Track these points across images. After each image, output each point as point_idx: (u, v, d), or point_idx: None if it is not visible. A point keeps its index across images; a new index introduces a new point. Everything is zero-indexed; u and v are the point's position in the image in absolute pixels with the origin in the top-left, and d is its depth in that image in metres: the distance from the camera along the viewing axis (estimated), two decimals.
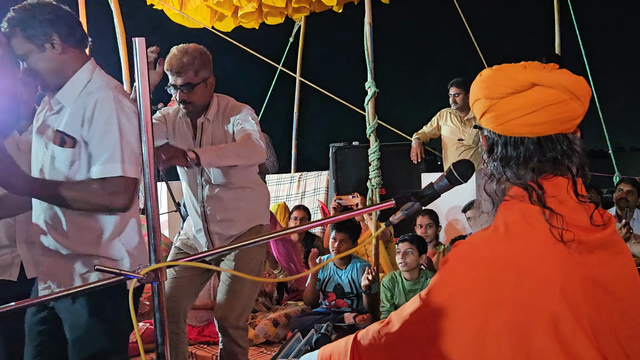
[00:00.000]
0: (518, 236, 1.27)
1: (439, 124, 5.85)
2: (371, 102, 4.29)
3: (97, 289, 1.32)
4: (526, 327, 1.23)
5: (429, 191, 1.42)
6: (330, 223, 4.60)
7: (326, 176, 6.92)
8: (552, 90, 1.32)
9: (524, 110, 1.33)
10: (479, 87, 1.42)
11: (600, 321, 1.27)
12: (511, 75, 1.35)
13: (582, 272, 1.26)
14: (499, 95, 1.36)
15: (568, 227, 1.26)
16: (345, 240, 4.24)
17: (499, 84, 1.36)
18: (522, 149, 1.36)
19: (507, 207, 1.33)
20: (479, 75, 1.44)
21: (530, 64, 1.38)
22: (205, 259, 1.38)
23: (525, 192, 1.32)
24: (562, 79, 1.33)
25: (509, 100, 1.34)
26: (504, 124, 1.36)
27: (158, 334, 1.35)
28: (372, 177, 4.29)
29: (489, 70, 1.43)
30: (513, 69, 1.38)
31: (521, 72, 1.35)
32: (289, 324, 4.33)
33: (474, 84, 1.44)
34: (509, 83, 1.35)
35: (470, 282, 1.27)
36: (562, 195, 1.31)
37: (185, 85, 2.87)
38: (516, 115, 1.34)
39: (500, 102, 1.35)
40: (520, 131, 1.35)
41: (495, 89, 1.36)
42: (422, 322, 1.31)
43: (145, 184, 1.29)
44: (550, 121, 1.33)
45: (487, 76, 1.41)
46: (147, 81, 1.29)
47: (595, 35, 8.64)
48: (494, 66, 1.44)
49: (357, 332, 1.44)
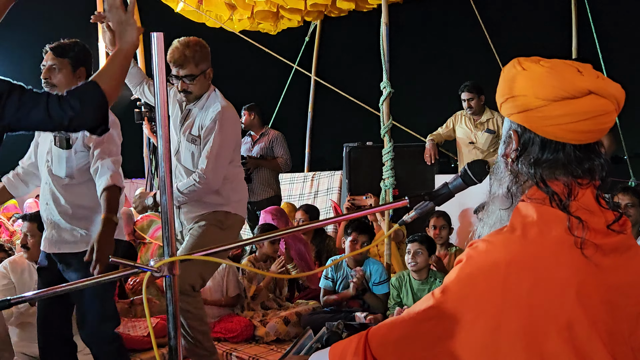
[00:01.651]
0: (534, 238, 1.26)
1: (454, 126, 5.83)
2: (386, 102, 4.30)
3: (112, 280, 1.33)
4: (541, 329, 1.22)
5: (443, 191, 1.41)
6: (342, 222, 4.60)
7: (339, 176, 6.92)
8: (604, 101, 1.29)
9: (575, 117, 1.29)
10: (525, 83, 1.34)
11: (615, 326, 1.26)
12: (569, 79, 1.30)
13: (597, 275, 1.25)
14: (552, 98, 1.30)
15: (587, 232, 1.25)
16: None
17: (555, 85, 1.30)
18: (562, 155, 1.32)
19: (525, 208, 1.32)
20: (521, 67, 1.36)
21: (584, 68, 1.33)
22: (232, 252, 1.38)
23: (546, 195, 1.31)
24: (614, 89, 1.30)
25: (562, 105, 1.29)
26: (549, 127, 1.31)
27: (171, 328, 1.35)
28: (385, 178, 4.30)
29: (535, 64, 1.35)
30: (570, 71, 1.31)
31: (579, 77, 1.30)
32: (300, 322, 4.33)
33: (514, 76, 1.36)
34: (566, 87, 1.29)
35: (485, 283, 1.26)
36: (587, 201, 1.30)
37: (187, 77, 3.16)
38: (565, 120, 1.29)
39: (552, 104, 1.30)
40: (565, 136, 1.31)
41: (550, 90, 1.30)
42: (434, 321, 1.30)
43: (161, 178, 1.30)
44: (596, 130, 1.31)
45: (538, 72, 1.33)
46: (165, 76, 1.30)
47: (613, 39, 8.53)
48: (538, 60, 1.36)
49: (369, 328, 1.43)
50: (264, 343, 4.15)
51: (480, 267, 1.28)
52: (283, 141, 6.14)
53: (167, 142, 1.29)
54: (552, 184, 1.32)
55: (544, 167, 1.33)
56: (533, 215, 1.29)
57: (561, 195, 1.30)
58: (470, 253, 1.31)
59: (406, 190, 5.28)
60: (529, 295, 1.23)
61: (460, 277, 1.30)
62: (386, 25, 4.28)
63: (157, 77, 1.31)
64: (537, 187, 1.32)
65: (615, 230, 1.30)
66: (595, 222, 1.28)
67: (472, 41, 7.66)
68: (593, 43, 6.40)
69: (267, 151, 6.09)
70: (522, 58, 1.38)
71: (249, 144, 6.24)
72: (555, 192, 1.30)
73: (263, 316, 4.40)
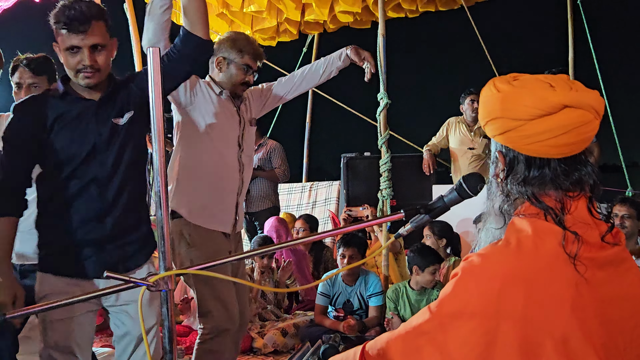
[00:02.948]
0: (529, 252, 1.27)
1: (447, 133, 5.83)
2: (383, 113, 4.31)
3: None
4: (536, 343, 1.22)
5: (438, 204, 1.41)
6: (339, 234, 4.59)
7: (337, 186, 6.92)
8: (581, 111, 1.29)
9: (553, 133, 1.29)
10: (500, 106, 1.34)
11: (609, 339, 1.26)
12: (541, 96, 1.29)
13: (592, 289, 1.25)
14: (527, 117, 1.30)
15: (582, 245, 1.25)
16: (355, 255, 4.21)
17: (528, 104, 1.29)
18: (549, 170, 1.33)
19: (519, 223, 1.32)
20: (495, 89, 1.36)
21: (556, 82, 1.32)
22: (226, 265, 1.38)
23: (540, 210, 1.31)
24: (590, 98, 1.30)
25: (539, 122, 1.29)
26: (530, 145, 1.31)
27: (166, 342, 1.35)
28: (383, 188, 4.29)
29: (508, 85, 1.35)
30: (541, 88, 1.31)
31: (551, 92, 1.29)
32: (297, 334, 4.32)
33: (490, 99, 1.37)
34: (539, 105, 1.29)
35: (480, 296, 1.26)
36: (581, 214, 1.31)
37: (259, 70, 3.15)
38: (545, 137, 1.29)
39: (529, 124, 1.30)
40: (548, 152, 1.32)
41: (524, 110, 1.30)
42: (431, 334, 1.30)
43: (157, 191, 1.30)
44: (577, 141, 1.31)
45: (510, 93, 1.33)
46: (160, 89, 1.30)
47: (610, 49, 8.57)
48: (512, 79, 1.36)
49: (366, 342, 1.43)
50: (262, 355, 4.13)
51: (475, 281, 1.28)
52: (281, 151, 6.13)
53: (163, 157, 1.29)
54: (544, 200, 1.32)
55: (533, 184, 1.34)
56: (527, 230, 1.29)
57: (555, 210, 1.30)
58: (466, 267, 1.31)
59: (404, 200, 5.30)
60: (524, 309, 1.23)
61: (456, 290, 1.30)
62: (383, 37, 4.30)
63: (153, 90, 1.31)
64: (530, 203, 1.33)
65: (610, 242, 1.30)
66: (590, 234, 1.28)
67: (469, 52, 7.70)
68: (589, 53, 6.42)
69: (265, 162, 6.08)
70: (497, 79, 1.39)
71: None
72: (549, 207, 1.30)
73: (261, 328, 4.38)
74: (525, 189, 1.34)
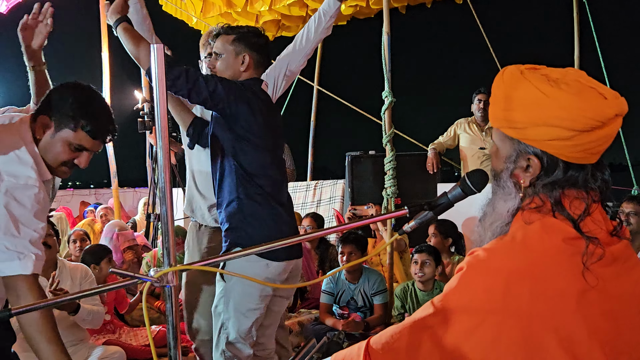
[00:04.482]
0: (535, 247, 1.26)
1: (456, 133, 5.82)
2: (388, 111, 4.30)
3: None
4: (541, 339, 1.22)
5: (442, 200, 1.41)
6: (343, 231, 4.59)
7: (342, 185, 6.92)
8: (621, 118, 1.30)
9: (600, 142, 1.28)
10: (555, 113, 1.27)
11: (616, 336, 1.25)
12: (599, 107, 1.26)
13: (598, 284, 1.25)
14: (584, 128, 1.27)
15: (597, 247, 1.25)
16: (353, 252, 4.22)
17: (589, 116, 1.26)
18: (582, 175, 1.31)
19: (526, 217, 1.32)
20: (539, 91, 1.28)
21: (603, 89, 1.30)
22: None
23: (547, 205, 1.30)
24: (624, 104, 1.30)
25: (593, 133, 1.27)
26: (576, 153, 1.30)
27: (171, 338, 1.35)
28: (387, 187, 4.29)
29: (553, 87, 1.28)
30: (595, 97, 1.28)
31: (605, 103, 1.27)
32: (302, 332, 4.32)
33: (535, 102, 1.29)
34: (599, 117, 1.26)
35: (485, 292, 1.26)
36: (596, 215, 1.31)
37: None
38: (592, 146, 1.28)
39: (583, 134, 1.27)
40: (588, 159, 1.31)
41: (584, 122, 1.26)
42: (434, 329, 1.30)
43: (160, 188, 1.30)
44: (607, 147, 1.32)
45: (565, 100, 1.27)
46: (165, 87, 1.31)
47: (615, 45, 8.56)
48: (562, 84, 1.29)
49: (370, 337, 1.43)
50: None
51: (480, 276, 1.28)
52: (288, 151, 6.12)
53: (167, 152, 1.30)
54: (567, 202, 1.31)
55: (563, 187, 1.32)
56: (535, 225, 1.29)
57: (577, 211, 1.29)
58: (471, 261, 1.31)
59: (408, 199, 5.30)
60: (530, 305, 1.23)
61: (461, 285, 1.30)
62: (387, 35, 4.29)
63: (157, 87, 1.31)
64: (557, 210, 1.30)
65: (619, 236, 1.31)
66: (599, 232, 1.29)
67: (474, 50, 7.70)
68: (595, 50, 6.41)
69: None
70: (530, 76, 1.33)
71: None
72: (571, 216, 1.29)
73: None
74: (553, 192, 1.32)
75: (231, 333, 2.67)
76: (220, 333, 2.70)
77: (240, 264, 2.55)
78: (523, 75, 1.33)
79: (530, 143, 1.33)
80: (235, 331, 2.66)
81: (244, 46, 2.78)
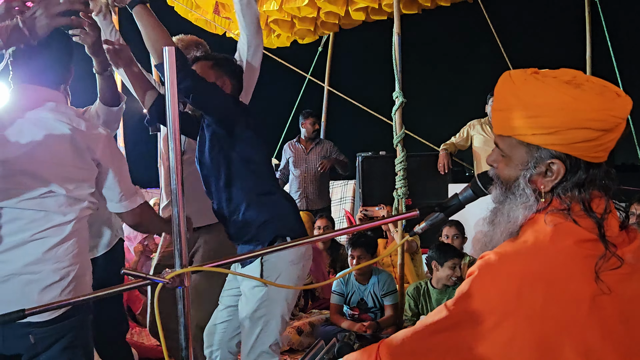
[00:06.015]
0: (547, 249, 1.26)
1: (469, 134, 5.78)
2: (398, 112, 4.29)
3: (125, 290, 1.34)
4: (554, 342, 1.22)
5: (453, 202, 1.41)
6: (354, 232, 4.59)
7: (353, 185, 6.92)
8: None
9: (617, 138, 1.30)
10: (582, 115, 1.26)
11: (631, 338, 1.25)
12: (621, 106, 1.28)
13: (611, 287, 1.24)
14: (609, 127, 1.28)
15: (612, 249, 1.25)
16: (363, 255, 4.23)
17: (616, 115, 1.27)
18: (599, 174, 1.32)
19: (538, 219, 1.31)
20: (567, 96, 1.27)
21: (614, 88, 1.32)
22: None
23: (559, 206, 1.30)
24: (630, 100, 1.32)
25: (614, 131, 1.29)
26: (597, 152, 1.30)
27: (182, 339, 1.36)
28: (398, 187, 4.28)
29: (577, 89, 1.28)
30: (615, 97, 1.29)
31: (621, 101, 1.29)
32: (313, 332, 4.32)
33: (558, 106, 1.27)
34: (621, 114, 1.28)
35: (498, 295, 1.25)
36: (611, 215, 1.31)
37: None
38: (612, 144, 1.30)
39: (608, 133, 1.28)
40: (604, 157, 1.32)
41: (612, 121, 1.27)
42: (447, 332, 1.30)
43: (173, 189, 1.31)
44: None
45: (590, 101, 1.26)
46: (176, 89, 1.31)
47: (627, 46, 8.44)
48: (582, 85, 1.30)
49: (382, 340, 1.43)
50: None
51: (493, 279, 1.27)
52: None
53: (179, 155, 1.30)
54: (594, 204, 1.30)
55: (585, 188, 1.31)
56: (546, 227, 1.28)
57: (599, 210, 1.29)
58: (483, 265, 1.30)
59: (419, 199, 5.28)
60: (543, 308, 1.22)
61: (473, 289, 1.29)
62: (398, 35, 4.28)
63: (169, 89, 1.32)
64: (583, 210, 1.30)
65: (632, 235, 1.30)
66: (616, 231, 1.29)
67: (485, 51, 7.66)
68: (607, 52, 6.36)
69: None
70: (551, 80, 1.32)
71: (301, 152, 6.29)
72: (597, 217, 1.28)
73: None
74: (581, 195, 1.31)
75: (273, 335, 2.63)
76: (259, 337, 2.62)
77: (276, 259, 2.59)
78: (539, 80, 1.32)
79: (553, 147, 1.30)
80: (278, 332, 2.63)
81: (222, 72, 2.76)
